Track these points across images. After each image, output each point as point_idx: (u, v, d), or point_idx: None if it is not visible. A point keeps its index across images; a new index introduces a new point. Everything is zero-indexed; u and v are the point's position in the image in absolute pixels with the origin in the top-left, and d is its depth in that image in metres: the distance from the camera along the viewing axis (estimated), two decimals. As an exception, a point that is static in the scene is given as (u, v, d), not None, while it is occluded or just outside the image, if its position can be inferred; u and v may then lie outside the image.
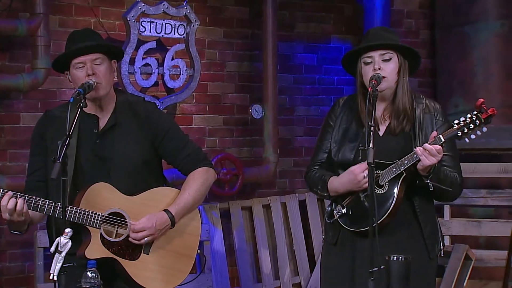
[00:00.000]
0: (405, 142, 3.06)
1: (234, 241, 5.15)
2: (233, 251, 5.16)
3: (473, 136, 2.90)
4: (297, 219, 5.44)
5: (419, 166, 2.91)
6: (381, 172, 2.98)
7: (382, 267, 2.64)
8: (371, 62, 3.06)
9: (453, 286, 4.66)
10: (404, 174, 2.97)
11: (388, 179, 2.98)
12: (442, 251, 3.18)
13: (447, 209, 5.18)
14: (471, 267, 4.77)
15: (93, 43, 3.04)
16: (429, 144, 2.88)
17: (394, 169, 2.96)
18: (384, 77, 3.02)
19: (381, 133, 3.11)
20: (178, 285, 3.13)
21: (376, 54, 3.06)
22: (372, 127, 2.80)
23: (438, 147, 2.87)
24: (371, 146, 2.75)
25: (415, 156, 2.91)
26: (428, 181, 2.94)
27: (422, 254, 3.09)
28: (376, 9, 5.47)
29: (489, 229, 5.01)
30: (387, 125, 3.11)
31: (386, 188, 2.99)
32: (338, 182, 3.08)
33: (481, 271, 5.05)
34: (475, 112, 2.89)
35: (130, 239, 3.01)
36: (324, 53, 5.74)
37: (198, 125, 5.22)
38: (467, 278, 4.66)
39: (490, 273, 5.03)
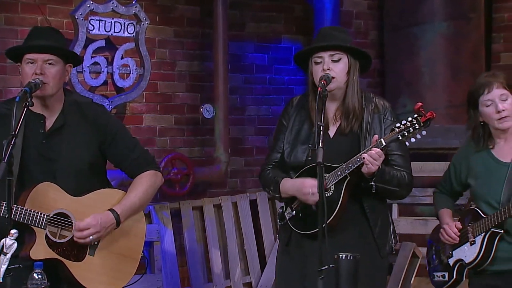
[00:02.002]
0: (353, 143, 3.10)
1: (184, 241, 5.13)
2: (183, 251, 5.14)
3: (413, 140, 2.94)
4: (248, 218, 5.45)
5: (363, 169, 2.96)
6: (327, 175, 3.00)
7: (331, 265, 2.67)
8: (321, 62, 3.09)
9: (400, 284, 4.74)
10: (349, 178, 3.01)
11: (333, 182, 3.01)
12: (393, 249, 3.24)
13: (395, 207, 5.26)
14: (418, 264, 4.86)
15: (46, 44, 3.00)
16: (370, 147, 2.94)
17: (339, 173, 3.00)
18: (333, 77, 3.05)
19: (331, 133, 3.15)
20: (124, 287, 3.12)
21: (325, 55, 3.09)
22: (321, 127, 2.83)
23: (379, 151, 2.92)
24: (320, 145, 2.78)
25: (358, 159, 2.96)
26: (372, 183, 2.99)
27: (373, 253, 3.14)
28: (326, 9, 5.52)
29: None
30: (338, 125, 3.15)
31: (332, 191, 3.03)
32: (288, 186, 3.12)
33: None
34: (415, 116, 2.93)
35: (75, 238, 2.98)
36: (275, 53, 5.76)
37: (148, 125, 5.18)
38: (414, 275, 4.75)
39: (436, 270, 5.11)
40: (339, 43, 3.10)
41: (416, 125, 2.92)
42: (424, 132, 2.94)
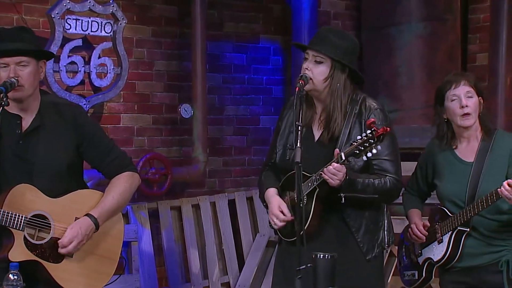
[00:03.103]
0: (330, 152, 3.04)
1: (162, 241, 5.12)
2: (161, 251, 5.12)
3: (369, 154, 2.88)
4: (226, 218, 5.45)
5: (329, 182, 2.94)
6: (303, 184, 2.97)
7: (309, 265, 2.68)
8: (307, 59, 3.11)
9: (378, 282, 4.76)
10: (318, 189, 3.00)
11: (305, 193, 3.01)
12: (387, 249, 3.28)
13: (372, 207, 5.29)
14: (395, 264, 4.89)
15: (17, 47, 2.98)
16: (330, 162, 2.91)
17: (309, 184, 3.00)
18: (310, 78, 3.05)
19: (316, 137, 3.15)
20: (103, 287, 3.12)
21: (311, 54, 3.10)
22: (299, 127, 2.84)
23: (338, 165, 2.89)
24: (298, 145, 2.79)
25: (320, 173, 2.94)
26: (340, 194, 2.97)
27: (356, 257, 3.11)
28: (304, 10, 5.53)
29: (413, 227, 5.12)
30: (321, 131, 3.15)
31: (305, 201, 3.01)
32: (267, 197, 3.18)
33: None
34: (369, 131, 2.88)
35: (60, 250, 3.00)
36: (253, 53, 5.77)
37: (126, 125, 5.16)
38: (391, 274, 4.78)
39: (413, 269, 5.14)
40: (320, 47, 3.06)
41: (371, 140, 2.87)
42: (379, 147, 2.88)
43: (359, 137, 2.91)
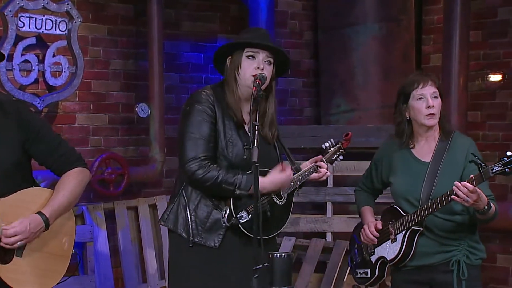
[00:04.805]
0: (270, 151, 3.19)
1: (119, 241, 5.08)
2: (117, 252, 5.08)
3: (337, 162, 3.26)
4: (183, 218, 5.42)
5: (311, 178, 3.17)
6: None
7: (265, 264, 2.69)
8: (254, 58, 3.09)
9: (334, 281, 4.81)
10: (298, 188, 3.19)
11: (287, 192, 3.14)
12: None
13: (329, 206, 5.33)
14: (351, 262, 4.93)
15: None
16: (316, 163, 3.17)
17: (291, 184, 3.12)
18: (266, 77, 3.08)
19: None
20: (55, 286, 3.08)
21: (262, 53, 3.10)
22: (257, 126, 2.85)
23: (325, 165, 3.18)
24: (255, 145, 2.80)
25: (306, 174, 3.13)
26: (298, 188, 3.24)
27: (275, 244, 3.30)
28: (261, 9, 5.55)
29: (369, 225, 5.18)
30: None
31: (285, 200, 3.14)
32: (268, 181, 3.03)
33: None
34: (340, 140, 3.24)
35: (1, 243, 2.91)
36: (211, 52, 5.74)
37: (81, 124, 5.11)
38: (347, 273, 4.82)
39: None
40: (281, 49, 3.17)
41: (340, 150, 3.24)
42: (341, 157, 3.26)
43: (329, 142, 3.24)
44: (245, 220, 3.02)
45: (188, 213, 3.10)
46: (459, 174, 3.18)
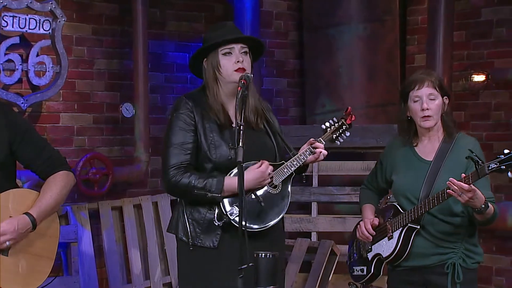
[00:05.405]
0: (266, 141, 3.21)
1: (103, 242, 5.06)
2: (102, 252, 5.06)
3: (341, 140, 3.26)
4: (168, 218, 5.33)
5: (309, 160, 3.17)
6: (275, 172, 3.10)
7: (250, 264, 2.69)
8: (230, 53, 3.11)
9: (319, 281, 4.82)
10: (294, 174, 3.16)
11: (282, 179, 3.12)
12: None
13: (314, 206, 5.34)
14: (336, 262, 4.95)
15: None
16: (313, 144, 3.15)
17: (285, 170, 3.11)
18: (244, 69, 3.09)
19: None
20: (39, 286, 3.10)
21: (237, 46, 3.11)
22: (241, 126, 2.85)
23: (322, 145, 3.17)
24: (240, 145, 2.80)
25: (302, 157, 3.12)
26: (304, 173, 3.26)
27: (282, 241, 3.35)
28: (246, 9, 5.54)
29: (353, 225, 5.14)
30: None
31: (280, 187, 3.13)
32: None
33: (345, 266, 5.21)
34: (341, 117, 3.24)
35: None
36: (196, 52, 5.74)
37: (65, 124, 5.08)
38: (332, 272, 4.83)
39: (354, 267, 5.21)
40: (252, 37, 3.23)
41: (344, 126, 3.24)
42: (348, 133, 3.28)
43: (330, 122, 3.23)
44: (236, 216, 3.02)
45: (186, 217, 3.14)
46: (461, 173, 3.09)
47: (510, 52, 5.67)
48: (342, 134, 3.25)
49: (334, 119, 3.24)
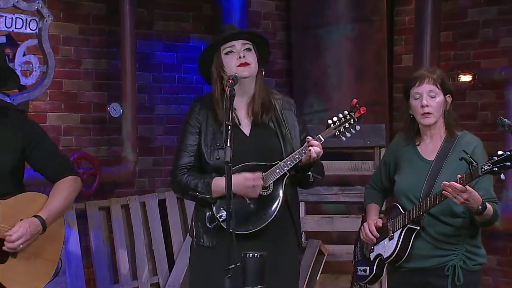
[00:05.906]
0: (272, 138, 3.17)
1: (90, 242, 5.05)
2: (89, 253, 5.05)
3: (348, 135, 3.13)
4: (156, 218, 5.41)
5: (304, 160, 3.07)
6: (264, 173, 3.07)
7: (238, 264, 2.69)
8: (233, 51, 3.12)
9: (306, 280, 4.82)
10: (288, 174, 3.10)
11: (273, 180, 3.09)
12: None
13: (302, 205, 5.33)
14: (323, 261, 4.96)
15: None
16: (312, 141, 3.05)
17: (277, 170, 3.08)
18: (248, 64, 3.10)
19: (247, 131, 3.18)
20: None
21: (238, 43, 3.13)
22: (229, 126, 2.85)
23: (317, 143, 3.07)
24: (228, 145, 2.80)
25: (297, 156, 3.06)
26: (310, 173, 3.14)
27: (294, 245, 3.26)
28: (234, 9, 5.55)
29: (341, 225, 5.19)
30: (251, 122, 3.18)
31: (271, 189, 3.10)
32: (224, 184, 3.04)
33: (333, 265, 5.23)
34: (349, 111, 3.13)
35: (5, 248, 3.02)
36: (184, 52, 5.74)
37: (52, 124, 5.06)
38: (319, 272, 4.84)
39: (341, 267, 5.22)
40: (251, 30, 3.28)
41: (351, 120, 3.12)
42: (358, 127, 3.13)
43: (337, 117, 3.11)
44: (224, 219, 3.05)
45: (193, 217, 3.24)
46: (462, 173, 3.04)
47: (496, 52, 5.70)
48: (350, 129, 3.13)
49: (340, 114, 3.15)
